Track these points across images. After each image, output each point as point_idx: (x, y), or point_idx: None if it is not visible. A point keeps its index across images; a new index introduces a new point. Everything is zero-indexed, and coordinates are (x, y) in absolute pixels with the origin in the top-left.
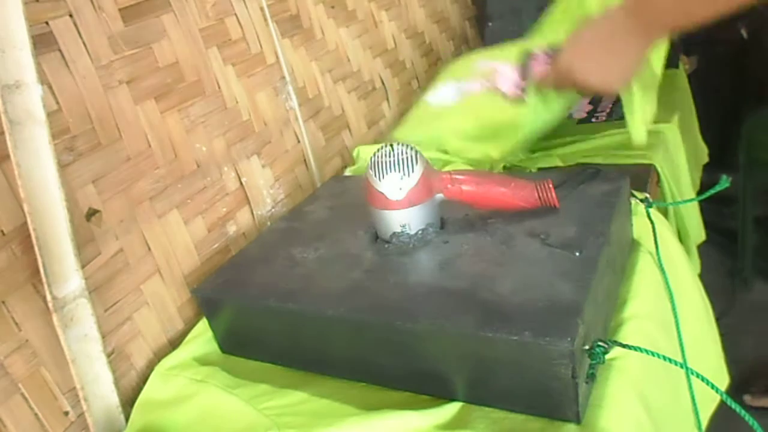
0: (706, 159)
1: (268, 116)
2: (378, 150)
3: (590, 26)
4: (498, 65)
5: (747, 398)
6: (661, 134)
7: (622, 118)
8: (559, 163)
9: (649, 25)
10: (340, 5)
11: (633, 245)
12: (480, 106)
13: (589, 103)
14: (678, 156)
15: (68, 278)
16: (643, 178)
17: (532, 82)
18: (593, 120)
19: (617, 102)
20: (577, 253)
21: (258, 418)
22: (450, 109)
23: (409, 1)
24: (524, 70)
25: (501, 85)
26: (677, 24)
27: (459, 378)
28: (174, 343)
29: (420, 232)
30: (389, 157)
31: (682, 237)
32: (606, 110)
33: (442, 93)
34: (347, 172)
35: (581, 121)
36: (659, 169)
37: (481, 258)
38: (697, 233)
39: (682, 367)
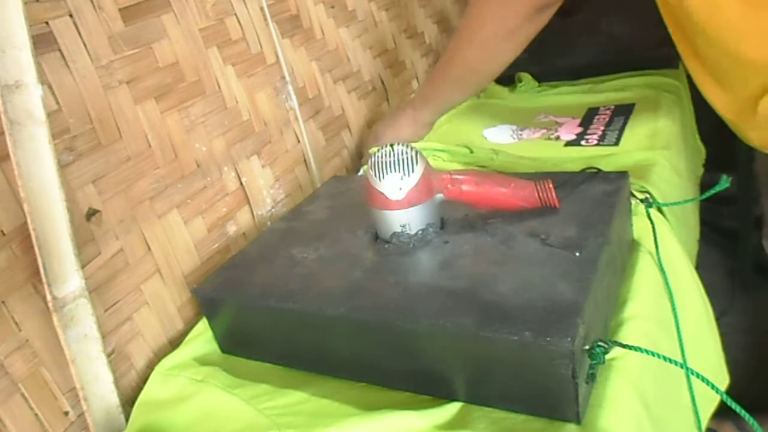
0: (703, 159)
1: (268, 116)
2: (378, 150)
3: (389, 118)
4: (560, 119)
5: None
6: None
7: (615, 143)
8: None
9: (421, 127)
10: (340, 5)
11: (633, 245)
12: (536, 148)
13: (579, 125)
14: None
15: (68, 278)
16: None
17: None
18: (582, 143)
19: (609, 125)
20: (577, 253)
21: (258, 418)
22: (506, 146)
23: (409, 1)
24: (587, 122)
25: (561, 134)
26: (440, 111)
27: (459, 378)
28: (174, 343)
29: (420, 232)
30: (389, 157)
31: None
32: (598, 133)
33: (499, 132)
34: (361, 172)
35: (569, 144)
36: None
37: (481, 258)
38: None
39: (682, 367)
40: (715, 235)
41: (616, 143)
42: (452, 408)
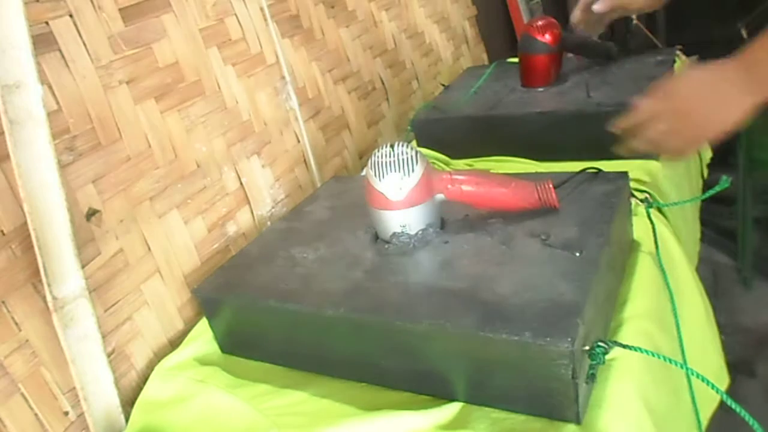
0: (708, 158)
1: (268, 116)
2: (378, 150)
3: (701, 69)
4: None
5: None
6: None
7: None
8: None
9: (757, 84)
10: (340, 5)
11: (633, 245)
12: None
13: None
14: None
15: (68, 278)
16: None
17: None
18: None
19: None
20: (578, 254)
21: (258, 418)
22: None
23: (409, 1)
24: None
25: None
26: None
27: (459, 378)
28: (174, 343)
29: (420, 232)
30: (389, 157)
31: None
32: None
33: None
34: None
35: None
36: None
37: (482, 258)
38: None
39: (682, 367)
40: (715, 235)
41: None
42: (452, 408)
